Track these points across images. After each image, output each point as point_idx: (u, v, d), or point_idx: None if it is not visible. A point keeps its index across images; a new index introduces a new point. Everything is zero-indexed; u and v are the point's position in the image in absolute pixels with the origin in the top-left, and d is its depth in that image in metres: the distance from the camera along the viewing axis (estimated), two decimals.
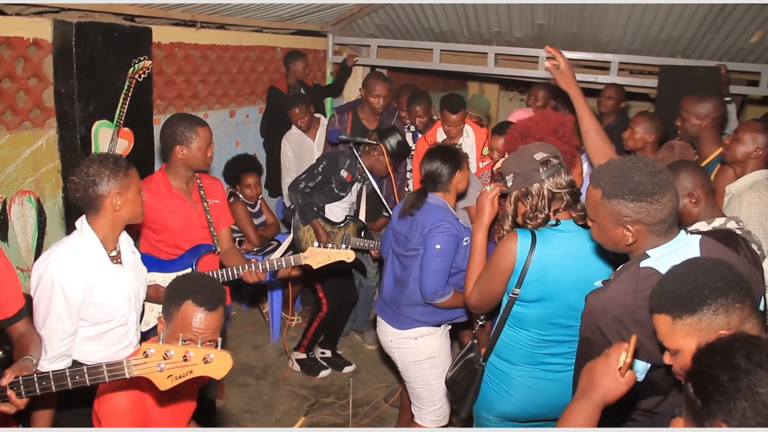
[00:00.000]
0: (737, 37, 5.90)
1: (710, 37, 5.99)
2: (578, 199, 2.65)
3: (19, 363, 2.26)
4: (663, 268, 1.89)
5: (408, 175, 5.36)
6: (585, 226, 2.58)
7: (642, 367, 2.04)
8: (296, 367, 5.07)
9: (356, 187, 4.80)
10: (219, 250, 3.63)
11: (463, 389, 2.95)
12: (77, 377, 2.10)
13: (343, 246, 4.64)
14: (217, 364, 2.06)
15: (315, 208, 4.60)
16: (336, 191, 4.64)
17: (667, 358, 1.74)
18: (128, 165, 2.72)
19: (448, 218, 3.29)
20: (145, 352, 2.05)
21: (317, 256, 3.50)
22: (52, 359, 2.63)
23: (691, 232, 2.15)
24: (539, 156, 2.60)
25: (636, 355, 1.78)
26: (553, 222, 2.60)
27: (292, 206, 4.76)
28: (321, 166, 4.58)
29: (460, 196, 3.68)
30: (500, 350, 2.78)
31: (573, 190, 2.62)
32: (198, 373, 2.07)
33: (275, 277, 5.04)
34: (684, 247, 2.00)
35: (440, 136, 4.98)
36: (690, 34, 5.98)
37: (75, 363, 2.68)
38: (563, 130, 3.06)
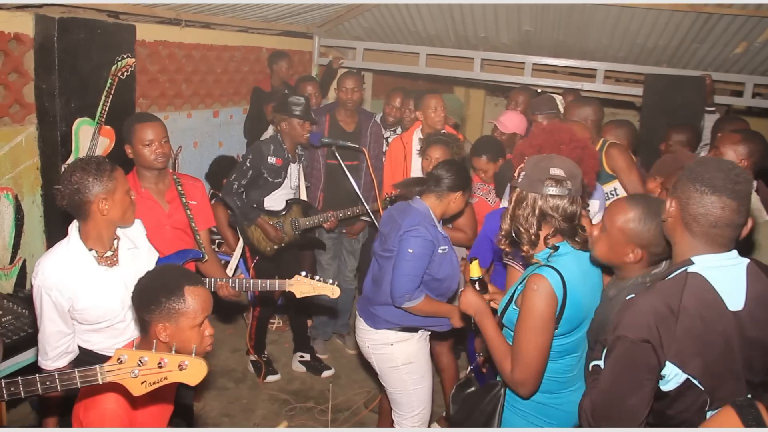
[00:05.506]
0: (722, 47, 5.93)
1: (695, 47, 6.02)
2: (576, 232, 2.43)
3: None
4: (712, 278, 1.94)
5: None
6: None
7: (673, 373, 1.94)
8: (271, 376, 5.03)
9: (293, 167, 4.71)
10: (206, 258, 3.58)
11: (488, 414, 2.66)
12: (48, 383, 2.06)
13: (296, 234, 4.64)
14: (192, 371, 2.03)
15: (254, 205, 4.56)
16: (270, 179, 4.58)
17: None
18: (112, 167, 2.70)
19: (425, 224, 3.29)
20: (119, 359, 2.01)
21: (302, 286, 3.44)
22: (54, 357, 2.77)
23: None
24: (554, 171, 2.36)
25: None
26: (550, 248, 2.41)
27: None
28: (248, 160, 4.54)
29: (448, 220, 3.74)
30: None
31: (572, 224, 2.40)
32: (172, 380, 2.04)
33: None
34: (734, 266, 1.99)
35: (416, 137, 4.91)
36: (676, 44, 6.00)
37: (85, 351, 2.86)
38: (575, 145, 2.79)
